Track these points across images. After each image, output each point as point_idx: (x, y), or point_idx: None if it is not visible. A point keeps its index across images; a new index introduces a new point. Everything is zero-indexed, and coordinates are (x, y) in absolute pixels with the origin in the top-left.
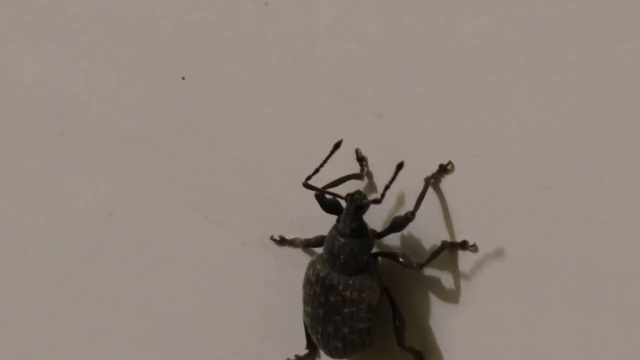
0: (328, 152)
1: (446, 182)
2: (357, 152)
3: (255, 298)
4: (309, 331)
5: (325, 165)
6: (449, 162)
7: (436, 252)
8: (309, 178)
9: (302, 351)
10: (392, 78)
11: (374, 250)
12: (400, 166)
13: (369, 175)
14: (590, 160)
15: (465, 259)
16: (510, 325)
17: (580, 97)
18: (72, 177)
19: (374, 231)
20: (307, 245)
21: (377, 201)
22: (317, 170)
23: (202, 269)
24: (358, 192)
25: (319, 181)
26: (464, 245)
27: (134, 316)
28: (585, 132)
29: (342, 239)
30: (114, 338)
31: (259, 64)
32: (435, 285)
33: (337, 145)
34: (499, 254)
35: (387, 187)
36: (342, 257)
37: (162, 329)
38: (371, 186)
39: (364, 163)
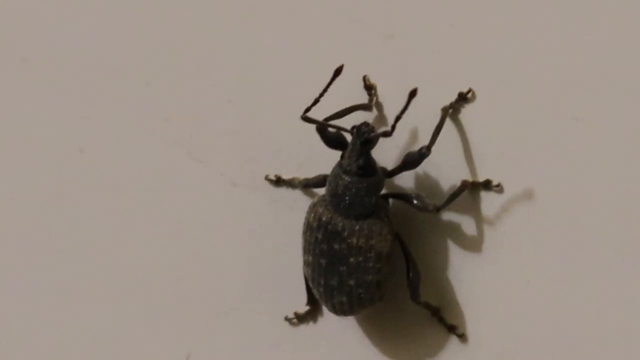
0: (328, 80)
1: (467, 113)
2: (364, 79)
3: (247, 247)
4: (310, 284)
5: (327, 94)
6: (470, 90)
7: (455, 194)
8: (307, 110)
9: (302, 308)
10: None
11: (384, 191)
12: (413, 94)
13: (379, 105)
14: (634, 88)
15: (488, 201)
16: (540, 278)
17: (626, 15)
18: (37, 108)
19: (384, 169)
20: (307, 185)
21: (386, 134)
22: (316, 101)
23: (187, 213)
24: (365, 123)
25: (321, 113)
26: (487, 185)
27: (109, 269)
28: (629, 56)
29: (347, 178)
30: (86, 291)
31: None
32: (454, 231)
33: (337, 72)
34: (527, 195)
35: (398, 118)
36: (347, 198)
37: (142, 283)
38: (381, 118)
39: (373, 92)
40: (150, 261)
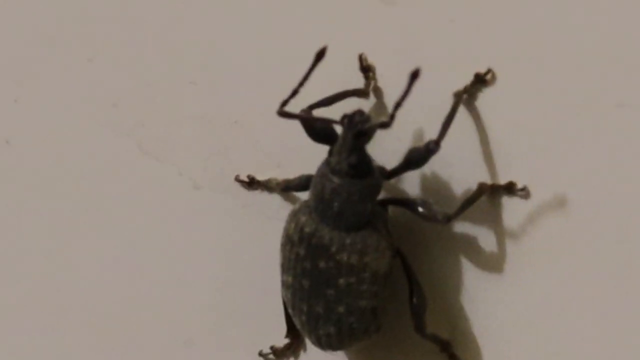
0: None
1: (485, 99)
2: (360, 58)
3: (212, 264)
4: (290, 311)
5: (313, 78)
6: (489, 70)
7: (471, 200)
8: (285, 103)
9: (281, 340)
10: None
11: (382, 195)
12: (415, 75)
13: (377, 91)
14: None
15: (511, 209)
16: (576, 304)
17: None
18: None
19: (382, 168)
20: (286, 188)
21: (385, 125)
22: (295, 92)
23: (138, 222)
24: (359, 112)
25: (306, 99)
26: (509, 188)
27: (42, 287)
28: None
29: (336, 179)
30: (16, 317)
31: None
32: (469, 246)
33: (319, 55)
34: (559, 201)
35: (397, 105)
36: (336, 204)
37: (81, 306)
38: (380, 106)
39: (370, 74)
40: (93, 280)
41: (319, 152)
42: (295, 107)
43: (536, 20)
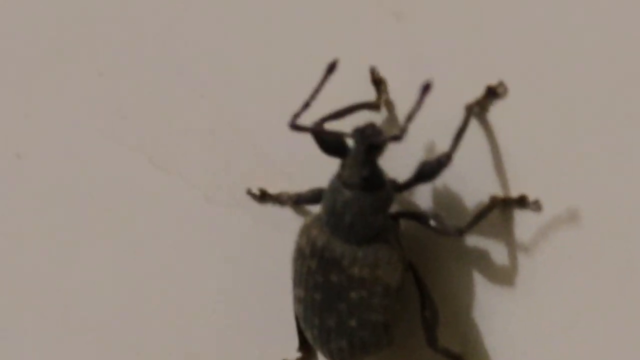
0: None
1: (497, 112)
2: (372, 72)
3: (224, 278)
4: (302, 325)
5: (325, 91)
6: (500, 83)
7: (483, 213)
8: (297, 116)
9: (293, 354)
10: None
11: (394, 209)
12: (426, 88)
13: (388, 104)
14: None
15: (523, 222)
16: (589, 317)
17: None
18: None
19: (393, 181)
20: (298, 201)
21: (396, 138)
22: (307, 105)
23: (148, 235)
24: (371, 125)
25: (317, 111)
26: (522, 202)
27: (50, 301)
28: None
29: (348, 192)
30: (21, 328)
31: None
32: (481, 259)
33: (331, 68)
34: (571, 215)
35: (409, 118)
36: (348, 217)
37: (89, 320)
38: (391, 119)
39: (382, 87)
40: (102, 293)
41: (330, 164)
42: (306, 120)
43: (548, 33)
